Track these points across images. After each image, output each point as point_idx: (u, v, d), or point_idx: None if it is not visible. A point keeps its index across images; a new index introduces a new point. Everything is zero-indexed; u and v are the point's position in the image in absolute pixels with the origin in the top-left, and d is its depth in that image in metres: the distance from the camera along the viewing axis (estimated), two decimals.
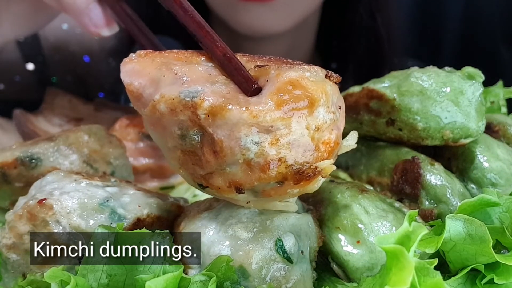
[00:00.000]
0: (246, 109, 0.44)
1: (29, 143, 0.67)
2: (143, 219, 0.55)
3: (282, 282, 0.49)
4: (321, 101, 0.45)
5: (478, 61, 0.76)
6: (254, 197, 0.49)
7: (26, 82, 1.48)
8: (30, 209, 0.52)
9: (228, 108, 0.44)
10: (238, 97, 0.45)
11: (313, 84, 0.45)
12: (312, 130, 0.44)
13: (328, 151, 0.45)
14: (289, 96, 0.44)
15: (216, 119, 0.44)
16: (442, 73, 0.64)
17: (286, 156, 0.44)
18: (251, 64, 0.50)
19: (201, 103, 0.45)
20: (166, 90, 0.47)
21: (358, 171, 0.73)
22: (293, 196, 0.50)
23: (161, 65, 0.50)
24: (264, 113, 0.43)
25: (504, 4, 1.80)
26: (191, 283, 0.47)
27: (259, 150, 0.44)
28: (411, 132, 0.65)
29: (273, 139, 0.44)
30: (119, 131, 0.86)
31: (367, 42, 1.62)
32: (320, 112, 0.45)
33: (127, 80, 0.51)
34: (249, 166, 0.45)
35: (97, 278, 0.46)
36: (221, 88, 0.46)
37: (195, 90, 0.45)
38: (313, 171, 0.46)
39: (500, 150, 0.65)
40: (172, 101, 0.46)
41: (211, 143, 0.46)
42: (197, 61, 0.51)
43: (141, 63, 0.51)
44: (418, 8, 2.04)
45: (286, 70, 0.46)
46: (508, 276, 0.48)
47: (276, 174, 0.45)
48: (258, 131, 0.44)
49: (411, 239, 0.41)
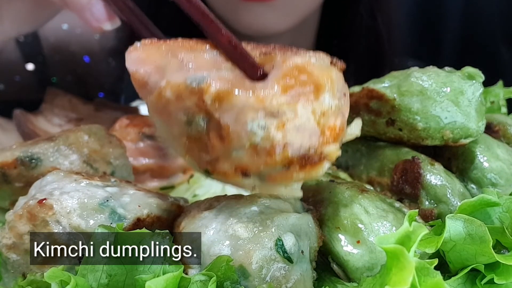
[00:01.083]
0: (253, 94, 0.43)
1: (29, 143, 0.67)
2: (143, 219, 0.55)
3: (282, 282, 0.49)
4: (326, 87, 0.45)
5: (478, 61, 0.76)
6: (259, 182, 0.48)
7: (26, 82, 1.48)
8: (30, 209, 0.52)
9: (234, 93, 0.44)
10: (244, 82, 0.45)
11: (319, 69, 0.45)
12: (318, 115, 0.44)
13: (334, 136, 0.45)
14: (295, 81, 0.44)
15: (223, 104, 0.44)
16: (442, 73, 0.64)
17: (292, 141, 0.44)
18: (256, 51, 0.50)
19: (208, 88, 0.44)
20: (172, 77, 0.47)
21: (358, 171, 0.73)
22: (298, 181, 0.49)
23: (167, 52, 0.50)
24: (271, 98, 0.43)
25: (504, 4, 1.80)
26: (191, 283, 0.47)
27: (265, 135, 0.43)
28: (411, 132, 0.65)
29: (280, 124, 0.43)
30: (119, 131, 0.86)
31: (367, 42, 1.63)
32: (326, 98, 0.45)
33: (133, 68, 0.50)
34: (255, 150, 0.44)
35: (97, 278, 0.46)
36: (227, 74, 0.46)
37: (202, 76, 0.45)
38: (318, 156, 0.45)
39: (500, 150, 0.65)
40: (179, 87, 0.46)
41: (218, 128, 0.45)
42: (202, 48, 0.51)
43: (146, 51, 0.51)
44: (418, 8, 2.04)
45: (292, 56, 0.46)
46: (508, 276, 0.48)
47: (282, 159, 0.45)
48: (265, 115, 0.43)
49: (411, 239, 0.41)
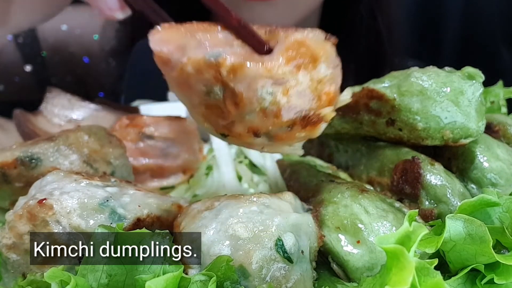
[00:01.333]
0: (262, 65, 0.51)
1: (29, 143, 0.67)
2: (143, 219, 0.55)
3: (282, 281, 0.49)
4: (322, 58, 0.52)
5: (478, 61, 0.76)
6: (268, 141, 0.56)
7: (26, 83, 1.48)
8: (30, 209, 0.52)
9: (246, 65, 0.51)
10: (254, 56, 0.53)
11: (316, 43, 0.53)
12: (316, 82, 0.52)
13: (329, 100, 0.53)
14: (296, 53, 0.51)
15: (237, 75, 0.51)
16: (442, 73, 0.64)
17: (295, 104, 0.52)
18: (262, 30, 0.57)
19: (224, 62, 0.51)
20: (192, 53, 0.53)
21: (358, 171, 0.73)
22: (300, 140, 0.57)
23: (186, 33, 0.56)
24: (277, 68, 0.51)
25: (504, 4, 1.80)
26: (191, 283, 0.47)
27: (273, 99, 0.51)
28: (411, 132, 0.65)
29: (284, 90, 0.51)
30: (119, 131, 0.86)
31: (367, 42, 1.63)
32: (322, 67, 0.52)
33: (157, 48, 0.56)
34: (265, 113, 0.52)
35: (97, 278, 0.46)
36: (239, 50, 0.53)
37: (218, 52, 0.52)
38: (317, 116, 0.54)
39: (500, 150, 0.65)
40: (198, 62, 0.53)
41: (232, 96, 0.53)
42: (215, 29, 0.57)
43: (167, 33, 0.57)
44: (418, 8, 2.04)
45: (293, 32, 0.54)
46: (508, 276, 0.48)
47: (287, 120, 0.53)
48: (272, 83, 0.51)
49: (411, 239, 0.41)
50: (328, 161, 0.80)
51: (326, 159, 0.82)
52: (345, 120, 0.71)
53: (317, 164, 0.78)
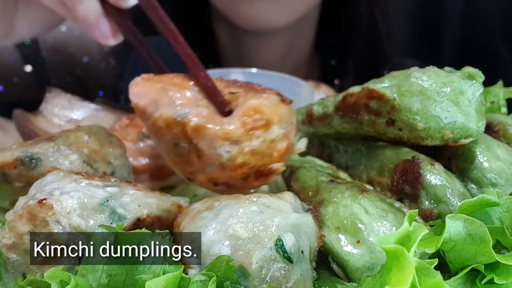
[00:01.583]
0: (220, 128, 0.59)
1: (29, 143, 0.67)
2: (143, 219, 0.55)
3: (282, 281, 0.49)
4: (275, 121, 0.60)
5: (478, 61, 0.76)
6: (226, 189, 0.64)
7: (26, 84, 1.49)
8: (30, 209, 0.52)
9: (207, 127, 0.60)
10: (215, 118, 0.61)
11: (269, 108, 0.60)
12: (268, 142, 0.59)
13: (280, 156, 0.61)
14: (251, 119, 0.59)
15: (200, 134, 0.60)
16: (442, 73, 0.64)
17: (248, 161, 0.59)
18: (227, 89, 0.65)
19: (189, 122, 0.60)
20: (164, 111, 0.63)
21: (358, 171, 0.73)
22: (254, 188, 0.66)
23: (160, 90, 0.65)
24: (233, 131, 0.59)
25: (504, 4, 1.80)
26: (191, 283, 0.47)
27: (229, 157, 0.59)
28: (411, 132, 0.65)
29: (240, 149, 0.59)
30: (119, 131, 0.86)
31: (366, 40, 1.65)
32: (274, 129, 0.60)
33: (135, 100, 0.66)
34: (223, 167, 0.60)
35: (97, 278, 0.46)
36: (203, 111, 0.61)
37: (185, 112, 0.61)
38: (268, 171, 0.62)
39: (500, 150, 0.65)
40: (168, 119, 0.62)
41: (196, 150, 0.61)
42: (187, 85, 0.66)
43: (144, 87, 0.66)
44: (418, 8, 2.04)
45: (250, 98, 0.61)
46: (508, 276, 0.48)
47: (241, 174, 0.61)
48: (229, 143, 0.59)
49: (411, 239, 0.41)
50: (328, 161, 0.81)
51: (326, 159, 0.82)
52: (345, 120, 0.71)
53: (317, 164, 0.78)
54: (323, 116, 0.75)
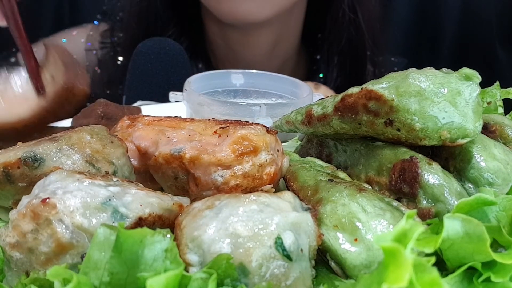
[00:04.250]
0: (213, 156, 0.66)
1: (32, 143, 0.67)
2: (144, 218, 0.56)
3: (281, 279, 0.49)
4: (262, 147, 0.66)
5: (475, 62, 0.77)
6: None
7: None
8: (33, 208, 0.52)
9: (201, 156, 0.66)
10: (207, 148, 0.67)
11: (257, 137, 0.67)
12: (257, 166, 0.66)
13: (269, 179, 0.67)
14: (241, 146, 0.66)
15: (195, 164, 0.67)
16: (439, 74, 0.64)
17: (241, 183, 0.66)
18: (219, 125, 0.71)
19: (185, 155, 0.68)
20: (162, 149, 0.71)
21: (356, 171, 0.73)
22: None
23: (159, 132, 0.74)
24: (225, 158, 0.65)
25: (501, 6, 1.81)
26: (191, 281, 0.47)
27: (224, 180, 0.66)
28: (409, 132, 0.65)
29: (232, 173, 0.65)
30: (121, 131, 0.86)
31: (349, 35, 1.70)
32: (262, 155, 0.67)
33: (137, 142, 0.76)
34: (218, 190, 0.66)
35: (99, 276, 0.47)
36: (196, 144, 0.69)
37: (180, 147, 0.69)
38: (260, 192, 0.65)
39: (497, 150, 0.66)
40: (167, 155, 0.70)
41: (193, 179, 0.68)
42: (183, 125, 0.74)
43: (145, 130, 0.76)
44: (416, 10, 2.05)
45: (239, 129, 0.68)
46: (504, 274, 0.49)
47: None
48: (222, 169, 0.66)
49: (408, 237, 0.42)
50: (327, 161, 0.81)
51: (325, 159, 0.82)
52: (344, 120, 0.71)
53: (316, 164, 0.78)
54: (322, 117, 0.75)
